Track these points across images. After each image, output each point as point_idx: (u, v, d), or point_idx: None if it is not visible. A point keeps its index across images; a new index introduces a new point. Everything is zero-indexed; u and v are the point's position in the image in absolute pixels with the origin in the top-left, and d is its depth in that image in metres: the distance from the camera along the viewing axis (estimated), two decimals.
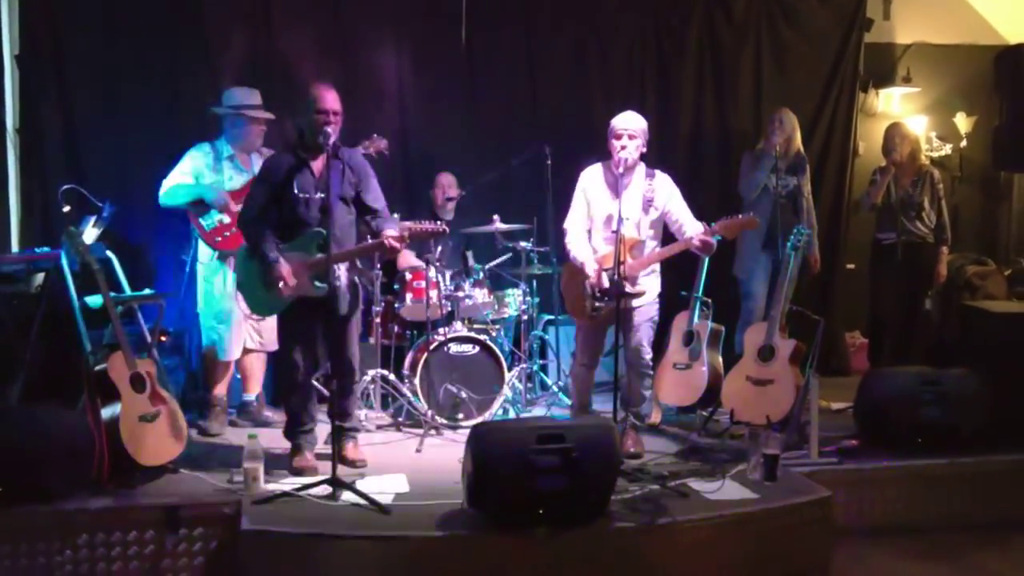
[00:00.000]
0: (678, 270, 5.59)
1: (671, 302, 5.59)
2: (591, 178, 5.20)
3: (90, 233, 5.06)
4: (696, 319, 5.78)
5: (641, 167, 5.13)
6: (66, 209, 4.97)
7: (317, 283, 4.60)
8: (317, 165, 4.71)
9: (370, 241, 4.76)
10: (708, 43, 7.06)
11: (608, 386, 5.49)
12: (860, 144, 7.42)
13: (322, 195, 4.61)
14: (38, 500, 4.11)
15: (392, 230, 4.65)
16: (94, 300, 4.80)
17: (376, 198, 4.83)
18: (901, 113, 7.49)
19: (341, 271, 4.75)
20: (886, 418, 5.13)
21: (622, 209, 4.85)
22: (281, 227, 4.69)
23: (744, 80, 7.12)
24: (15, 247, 6.02)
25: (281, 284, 4.59)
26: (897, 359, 6.49)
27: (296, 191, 4.65)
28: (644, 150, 5.08)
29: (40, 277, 5.21)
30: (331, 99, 4.64)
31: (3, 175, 6.10)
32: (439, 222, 4.90)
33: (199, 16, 6.25)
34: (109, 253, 5.08)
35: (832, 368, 7.12)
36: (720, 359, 5.79)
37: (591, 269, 5.03)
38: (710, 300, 5.81)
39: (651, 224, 5.11)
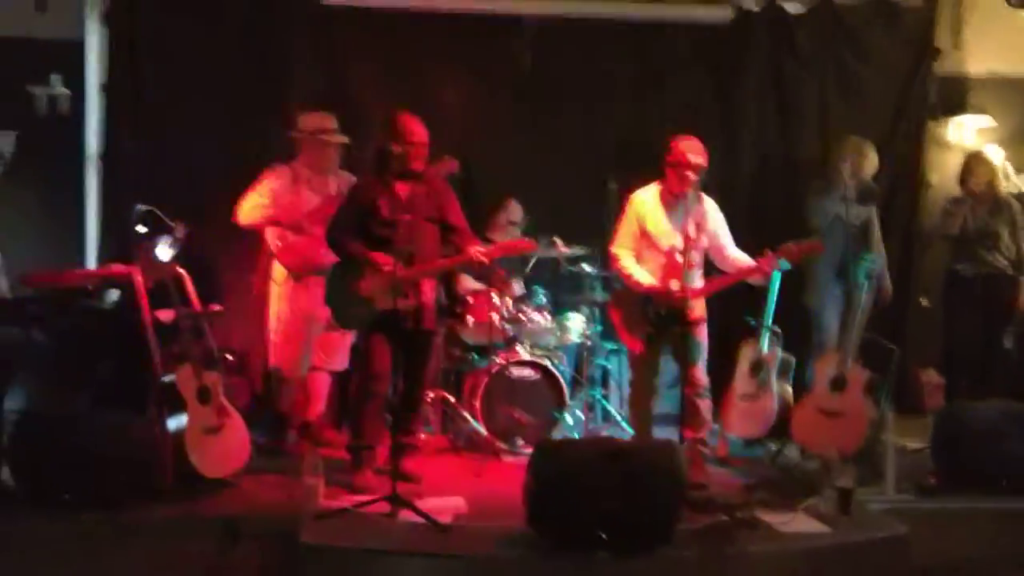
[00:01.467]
0: (742, 297, 5.50)
1: (737, 330, 5.50)
2: (645, 201, 5.19)
3: (164, 252, 5.18)
4: (764, 348, 5.67)
5: (693, 192, 5.10)
6: (142, 229, 5.09)
7: (400, 298, 4.65)
8: (403, 189, 4.86)
9: (450, 257, 4.87)
10: (772, 72, 7.00)
11: (669, 418, 5.40)
12: (931, 175, 7.26)
13: (408, 216, 4.72)
14: (103, 507, 4.19)
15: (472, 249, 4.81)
16: (166, 315, 4.91)
17: (458, 217, 4.97)
18: (974, 145, 7.31)
19: (426, 288, 4.84)
20: (967, 455, 4.95)
21: (676, 234, 4.93)
22: (370, 247, 4.85)
23: (809, 109, 7.03)
24: (92, 264, 6.22)
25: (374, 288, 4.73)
26: (975, 398, 6.26)
27: (384, 214, 4.80)
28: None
29: (115, 292, 5.37)
30: (418, 132, 4.88)
31: (84, 197, 6.33)
32: (530, 243, 4.94)
33: (271, 45, 6.43)
34: (181, 270, 5.20)
35: (906, 407, 6.88)
36: (790, 389, 5.65)
37: (669, 283, 4.99)
38: (779, 329, 5.70)
39: (701, 249, 5.11)
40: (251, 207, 5.56)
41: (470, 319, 5.93)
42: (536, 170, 6.72)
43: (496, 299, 5.84)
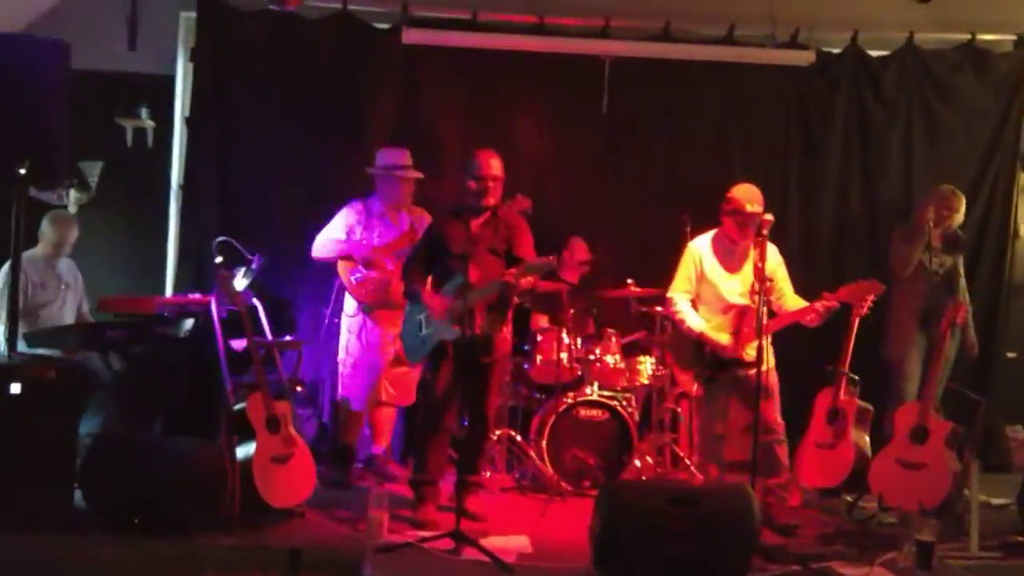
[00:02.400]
0: (819, 344, 5.38)
1: (813, 377, 5.38)
2: (701, 249, 5.24)
3: (239, 282, 5.27)
4: (842, 396, 5.52)
5: (751, 238, 5.08)
6: (219, 260, 5.18)
7: (453, 327, 4.67)
8: (476, 223, 4.91)
9: (490, 283, 4.83)
10: (856, 118, 6.90)
11: (742, 464, 5.26)
12: (1020, 226, 7.05)
13: (475, 249, 4.78)
14: (171, 533, 4.21)
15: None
16: (238, 344, 4.97)
17: (527, 252, 4.98)
18: None
19: (479, 319, 4.85)
20: None
21: (736, 279, 4.99)
22: (440, 281, 4.91)
23: (894, 156, 6.91)
24: (169, 291, 6.35)
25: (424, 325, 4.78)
26: None
27: (453, 248, 4.85)
28: None
29: (190, 321, 5.45)
30: (491, 165, 4.92)
31: (164, 226, 6.50)
32: (550, 258, 4.90)
33: (352, 81, 6.54)
34: (255, 301, 5.27)
35: (991, 464, 6.64)
36: (867, 439, 5.47)
37: (719, 338, 5.01)
38: (857, 377, 5.55)
39: (760, 293, 5.00)
40: (324, 241, 5.66)
41: (539, 357, 5.88)
42: (612, 210, 6.72)
43: (566, 338, 5.78)
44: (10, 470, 4.15)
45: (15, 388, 4.20)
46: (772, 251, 5.11)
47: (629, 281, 5.98)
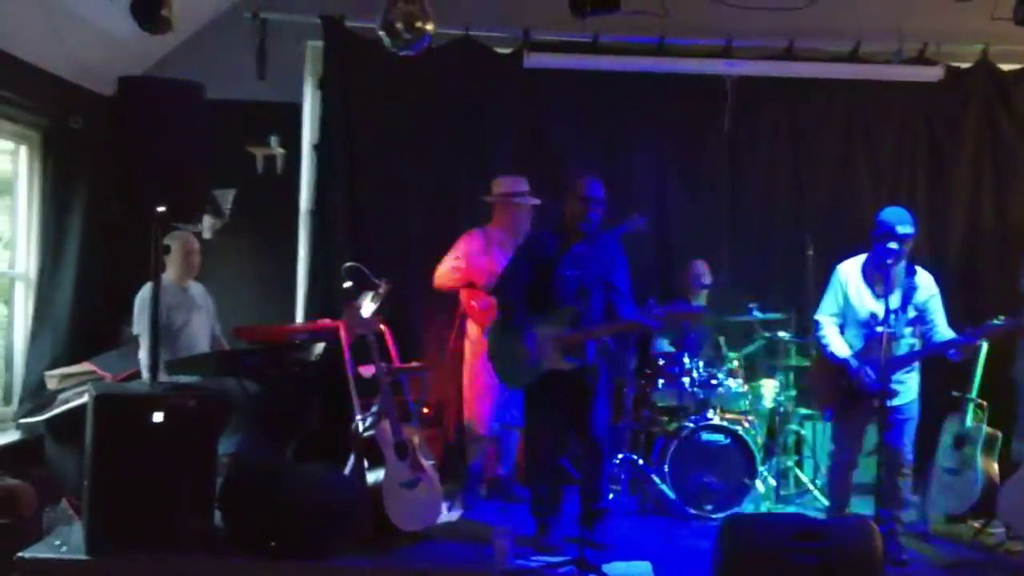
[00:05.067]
0: (948, 369, 5.27)
1: (942, 403, 5.28)
2: (849, 273, 5.11)
3: (367, 307, 5.39)
4: (969, 422, 5.40)
5: (902, 263, 4.95)
6: (347, 285, 5.32)
7: (567, 358, 4.69)
8: (578, 247, 4.88)
9: (623, 321, 4.85)
10: (987, 134, 6.70)
11: (868, 488, 5.21)
12: None
13: (580, 274, 4.77)
14: (306, 555, 4.38)
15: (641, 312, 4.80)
16: (367, 370, 5.11)
17: (621, 279, 4.95)
18: None
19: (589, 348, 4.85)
20: None
21: (881, 307, 4.81)
22: (537, 302, 4.88)
23: None
24: (300, 318, 6.55)
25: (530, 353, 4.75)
26: None
27: (558, 270, 4.83)
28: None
29: (320, 346, 5.63)
30: (593, 187, 4.89)
31: (295, 252, 6.70)
32: (696, 305, 4.91)
33: (475, 105, 6.66)
34: (383, 327, 5.40)
35: None
36: (995, 466, 5.35)
37: (854, 363, 4.91)
38: (985, 403, 5.42)
39: (908, 322, 4.94)
40: (445, 271, 5.78)
41: (661, 381, 5.91)
42: (736, 232, 6.68)
43: (688, 362, 5.80)
44: (154, 493, 4.32)
45: (158, 417, 4.39)
46: (927, 280, 4.99)
47: (751, 305, 5.96)
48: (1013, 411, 5.88)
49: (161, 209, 4.63)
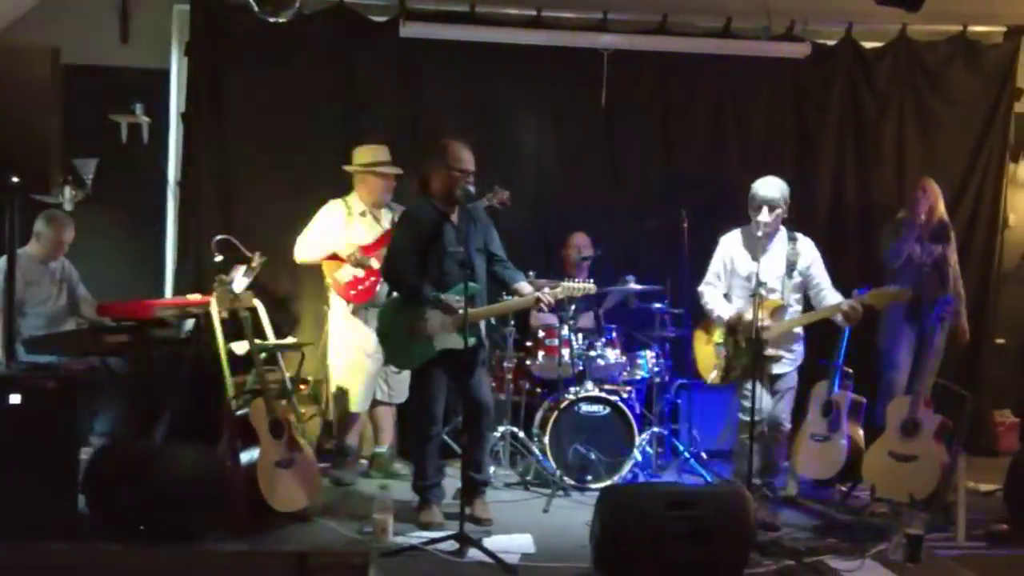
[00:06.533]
0: (816, 338, 5.44)
1: (809, 371, 5.45)
2: (730, 243, 5.25)
3: (240, 282, 5.25)
4: (836, 389, 5.60)
5: (783, 231, 5.14)
6: (218, 258, 5.17)
7: (462, 335, 4.61)
8: (455, 219, 4.85)
9: (517, 298, 4.90)
10: (850, 109, 6.96)
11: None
12: (1010, 215, 7.13)
13: (465, 247, 4.73)
14: (177, 539, 4.25)
15: (525, 284, 4.87)
16: (239, 346, 4.96)
17: (499, 247, 4.99)
18: None
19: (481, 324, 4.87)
20: None
21: (763, 273, 4.91)
22: (428, 279, 4.80)
23: (887, 147, 6.98)
24: (168, 293, 6.33)
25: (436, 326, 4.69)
26: None
27: (445, 244, 4.77)
28: (785, 216, 5.11)
29: (190, 322, 5.45)
30: (469, 159, 4.82)
31: (163, 224, 6.47)
32: (588, 281, 4.93)
33: (349, 74, 6.53)
34: (256, 302, 5.25)
35: (980, 448, 6.76)
36: (861, 432, 5.57)
37: (730, 312, 5.08)
38: (851, 370, 5.62)
39: (794, 288, 5.10)
40: (304, 244, 5.62)
41: (541, 353, 5.93)
42: (611, 205, 6.75)
43: (567, 333, 5.83)
44: (12, 480, 4.14)
45: (15, 399, 4.19)
46: (807, 246, 5.16)
47: (628, 277, 6.01)
48: (877, 377, 6.15)
49: (16, 180, 4.39)
